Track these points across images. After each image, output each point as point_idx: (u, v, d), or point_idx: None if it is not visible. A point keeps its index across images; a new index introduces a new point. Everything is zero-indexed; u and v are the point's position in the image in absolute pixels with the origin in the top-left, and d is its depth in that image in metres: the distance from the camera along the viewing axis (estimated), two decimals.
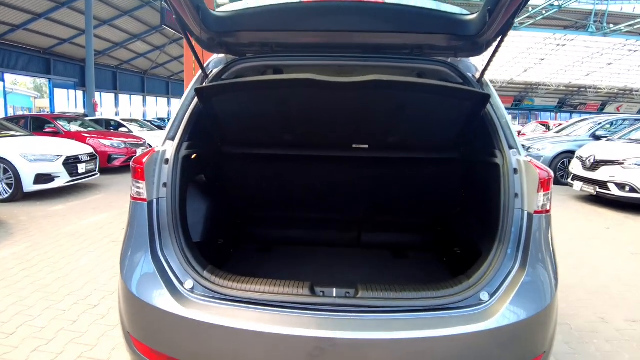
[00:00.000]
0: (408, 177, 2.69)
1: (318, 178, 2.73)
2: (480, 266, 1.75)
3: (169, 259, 1.75)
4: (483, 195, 2.26)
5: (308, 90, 1.97)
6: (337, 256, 2.85)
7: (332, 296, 1.69)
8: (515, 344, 1.59)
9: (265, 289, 1.67)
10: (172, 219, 1.81)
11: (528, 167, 1.79)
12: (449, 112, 2.11)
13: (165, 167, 1.87)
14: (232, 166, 2.70)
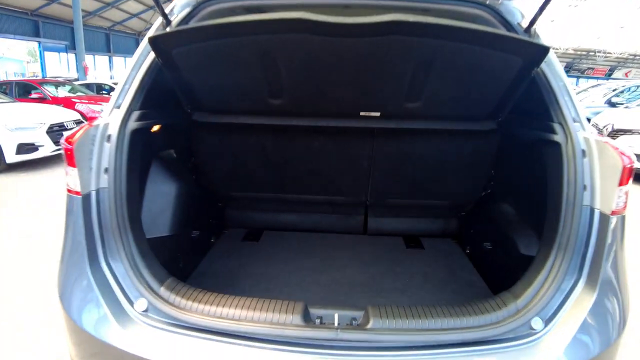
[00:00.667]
0: (428, 152, 2.24)
1: (315, 152, 2.29)
2: (531, 281, 1.36)
3: (115, 272, 1.37)
4: (531, 180, 1.84)
5: (301, 36, 1.44)
6: (338, 246, 2.47)
7: (333, 326, 1.29)
8: None
9: (243, 314, 1.29)
10: (118, 217, 1.40)
11: (604, 149, 1.34)
12: (492, 69, 1.62)
13: (107, 146, 1.43)
14: (207, 139, 2.25)
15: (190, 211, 2.15)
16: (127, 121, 1.49)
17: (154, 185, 1.93)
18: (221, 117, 2.09)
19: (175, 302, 1.35)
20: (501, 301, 1.38)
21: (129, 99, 1.51)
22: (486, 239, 2.17)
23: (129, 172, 1.47)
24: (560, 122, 1.46)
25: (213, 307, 1.31)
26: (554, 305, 1.30)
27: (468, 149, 2.20)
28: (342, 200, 2.54)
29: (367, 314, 1.35)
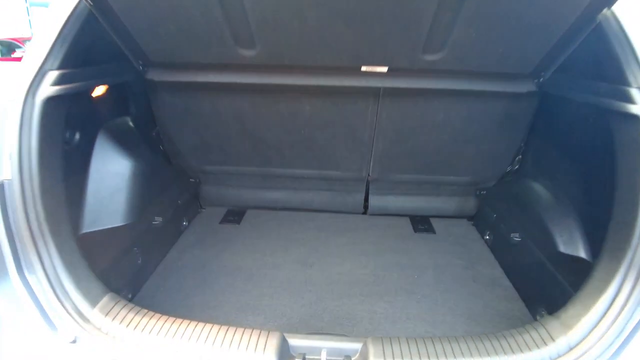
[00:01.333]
0: (447, 120, 1.81)
1: (306, 119, 1.86)
2: (588, 306, 1.02)
3: (33, 290, 1.02)
4: (581, 159, 1.47)
5: None
6: (333, 231, 2.09)
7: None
8: None
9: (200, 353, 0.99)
10: (29, 217, 1.05)
11: None
12: (544, 10, 1.19)
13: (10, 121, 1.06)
14: (169, 102, 1.83)
15: (151, 193, 1.76)
16: (38, 86, 1.08)
17: (101, 164, 1.54)
18: (182, 74, 1.65)
19: (111, 332, 1.04)
20: (546, 332, 1.03)
21: (41, 57, 1.10)
22: (512, 227, 1.75)
23: (42, 156, 1.09)
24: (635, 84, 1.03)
25: (160, 339, 1.02)
26: (626, 343, 0.94)
27: (497, 116, 1.75)
28: (338, 175, 2.12)
29: (366, 352, 1.00)
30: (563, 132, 1.62)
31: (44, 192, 1.08)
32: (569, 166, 1.58)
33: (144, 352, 1.00)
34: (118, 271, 1.46)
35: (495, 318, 1.49)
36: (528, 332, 1.05)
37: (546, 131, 1.75)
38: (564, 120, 1.60)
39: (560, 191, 1.61)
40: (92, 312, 1.06)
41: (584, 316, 1.01)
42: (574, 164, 1.54)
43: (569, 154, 1.57)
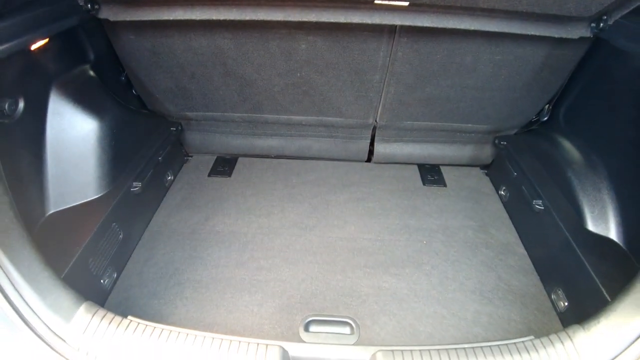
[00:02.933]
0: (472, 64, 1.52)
1: (303, 61, 1.56)
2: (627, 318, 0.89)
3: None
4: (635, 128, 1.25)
5: None
6: (335, 184, 1.91)
7: None
8: None
9: None
10: None
11: None
12: None
13: None
14: (134, 44, 1.51)
15: (125, 153, 1.54)
16: None
17: (58, 130, 1.30)
18: (143, 11, 1.32)
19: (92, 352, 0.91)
20: (573, 349, 0.91)
21: None
22: (535, 190, 1.56)
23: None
24: None
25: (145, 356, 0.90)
26: None
27: (534, 63, 1.47)
28: (340, 122, 1.87)
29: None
30: (615, 90, 1.36)
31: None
32: (613, 131, 1.36)
33: None
34: (98, 252, 1.30)
35: (507, 296, 1.39)
36: (553, 345, 0.94)
37: (593, 84, 1.48)
38: (620, 77, 1.33)
39: (597, 157, 1.41)
40: (67, 328, 0.92)
41: (617, 333, 0.89)
42: (620, 129, 1.31)
43: (616, 116, 1.34)
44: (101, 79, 1.53)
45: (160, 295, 1.36)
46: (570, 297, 1.30)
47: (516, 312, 1.35)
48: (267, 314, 1.30)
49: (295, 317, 1.29)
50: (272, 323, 1.28)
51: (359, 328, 1.26)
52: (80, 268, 1.20)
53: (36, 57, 1.21)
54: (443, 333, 1.27)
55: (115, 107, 1.53)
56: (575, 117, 1.59)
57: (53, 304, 0.94)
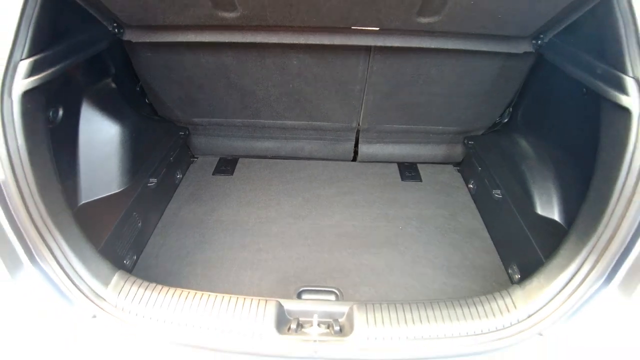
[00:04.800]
0: (439, 76, 1.80)
1: (294, 74, 1.83)
2: (551, 279, 1.13)
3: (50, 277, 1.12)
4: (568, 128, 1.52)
5: None
6: (324, 180, 2.16)
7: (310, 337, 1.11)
8: None
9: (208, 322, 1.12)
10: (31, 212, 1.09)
11: None
12: None
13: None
14: (151, 61, 1.78)
15: (142, 155, 1.79)
16: (12, 81, 1.04)
17: (88, 133, 1.55)
18: (161, 34, 1.59)
19: (126, 308, 1.16)
20: (511, 302, 1.17)
21: (7, 47, 1.03)
22: (495, 182, 1.83)
23: (31, 152, 1.09)
24: (637, 78, 1.01)
25: (170, 313, 1.13)
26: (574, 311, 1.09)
27: (490, 73, 1.75)
28: (328, 125, 2.14)
29: (351, 316, 1.15)
30: (556, 96, 1.63)
31: (41, 186, 1.10)
32: (556, 131, 1.62)
33: (156, 324, 1.13)
34: (122, 237, 1.54)
35: (471, 271, 1.64)
36: (496, 300, 1.19)
37: (539, 91, 1.76)
38: (558, 86, 1.60)
39: (545, 152, 1.67)
40: (106, 291, 1.17)
41: (544, 289, 1.14)
42: (562, 130, 1.58)
43: (558, 119, 1.60)
44: (120, 90, 1.78)
45: (174, 273, 1.61)
46: (522, 270, 1.55)
47: (477, 284, 1.60)
48: (266, 286, 1.55)
49: (290, 287, 1.54)
50: (270, 292, 1.52)
51: (343, 296, 1.51)
52: (109, 249, 1.44)
53: (71, 73, 1.46)
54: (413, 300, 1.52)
55: (132, 115, 1.78)
56: (529, 118, 1.86)
57: (95, 271, 1.18)
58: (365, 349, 1.08)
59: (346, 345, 1.08)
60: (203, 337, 1.11)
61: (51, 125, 1.36)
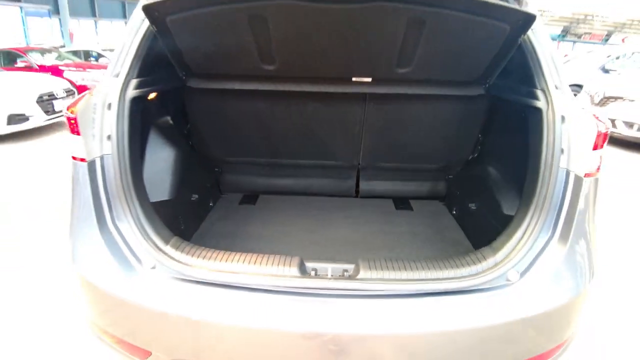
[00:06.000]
0: (418, 117, 2.32)
1: (308, 117, 2.35)
2: (510, 237, 1.47)
3: (123, 233, 1.45)
4: (514, 144, 1.93)
5: (290, 2, 1.48)
6: (331, 208, 2.58)
7: (326, 276, 1.42)
8: (541, 333, 1.37)
9: (244, 267, 1.39)
10: (123, 181, 1.48)
11: (581, 115, 1.43)
12: (480, 36, 1.66)
13: (108, 114, 1.49)
14: (202, 104, 2.30)
15: (188, 176, 2.23)
16: (126, 89, 1.54)
17: (153, 151, 2.00)
18: (215, 82, 2.13)
19: (181, 259, 1.43)
20: (481, 255, 1.49)
21: (126, 68, 1.55)
22: (472, 200, 2.27)
23: (130, 139, 1.53)
24: (542, 89, 1.53)
25: (215, 262, 1.41)
26: (529, 259, 1.41)
27: (456, 114, 2.27)
28: (334, 164, 2.63)
29: (358, 266, 1.46)
30: (505, 124, 2.14)
31: (132, 164, 1.52)
32: (510, 150, 2.09)
33: (207, 272, 1.39)
34: None
35: None
36: (469, 255, 1.50)
37: (495, 124, 2.27)
38: (504, 115, 2.12)
39: (505, 170, 2.13)
40: (166, 247, 1.46)
41: (506, 243, 1.47)
42: (513, 148, 2.05)
43: (509, 141, 2.09)
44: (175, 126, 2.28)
45: None
46: None
47: None
48: None
49: None
50: None
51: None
52: None
53: (148, 103, 1.96)
54: None
55: (182, 146, 2.26)
56: (492, 150, 2.34)
57: (158, 232, 1.50)
58: (368, 285, 1.36)
59: (353, 283, 1.37)
60: (245, 280, 1.37)
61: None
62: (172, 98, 2.22)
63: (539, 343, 1.38)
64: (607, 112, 6.67)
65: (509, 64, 1.83)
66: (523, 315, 1.28)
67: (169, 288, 1.34)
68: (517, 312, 1.29)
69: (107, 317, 1.45)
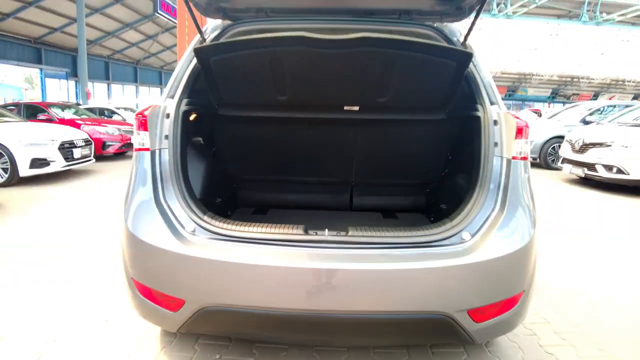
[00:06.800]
0: (398, 139, 2.79)
1: (310, 140, 2.83)
2: (462, 209, 1.88)
3: (170, 205, 1.85)
4: (466, 148, 2.38)
5: (300, 48, 2.01)
6: (329, 218, 2.96)
7: (324, 235, 1.79)
8: (494, 280, 1.71)
9: (262, 229, 1.79)
10: (174, 168, 1.92)
11: (507, 117, 1.93)
12: (436, 71, 2.17)
13: (167, 120, 1.98)
14: (227, 129, 2.78)
15: (213, 184, 2.67)
16: (180, 105, 2.05)
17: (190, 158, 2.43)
18: (239, 110, 2.62)
19: (214, 224, 1.82)
20: (442, 223, 1.89)
21: (179, 91, 2.08)
22: (443, 203, 2.66)
23: (181, 140, 2.01)
24: (481, 104, 2.05)
25: (241, 227, 1.81)
26: (478, 223, 1.80)
27: (427, 136, 2.75)
28: (332, 180, 3.07)
29: (347, 229, 1.86)
30: (462, 137, 2.58)
31: (181, 157, 1.98)
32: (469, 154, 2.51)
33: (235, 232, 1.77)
34: None
35: None
36: (435, 224, 1.89)
37: (457, 141, 2.72)
38: (462, 130, 2.57)
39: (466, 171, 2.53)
40: (205, 217, 1.85)
41: (460, 213, 1.86)
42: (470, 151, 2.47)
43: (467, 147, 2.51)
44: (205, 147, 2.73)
45: None
46: None
47: None
48: None
49: None
50: None
51: None
52: None
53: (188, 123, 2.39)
54: None
55: (210, 161, 2.70)
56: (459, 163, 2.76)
57: (198, 208, 1.89)
58: (355, 238, 1.75)
59: (344, 237, 1.75)
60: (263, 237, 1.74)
61: None
62: (205, 123, 2.71)
63: (495, 290, 1.71)
64: (587, 157, 7.18)
65: (462, 91, 2.31)
66: (473, 261, 1.65)
67: (205, 245, 1.72)
68: (469, 259, 1.65)
69: (151, 270, 1.79)
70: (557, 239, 4.27)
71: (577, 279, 3.27)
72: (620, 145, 6.78)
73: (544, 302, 2.81)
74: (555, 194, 6.82)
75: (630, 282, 3.24)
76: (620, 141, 6.81)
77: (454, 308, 1.65)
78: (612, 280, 3.28)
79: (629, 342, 2.37)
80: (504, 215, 1.78)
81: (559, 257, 3.73)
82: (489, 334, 1.85)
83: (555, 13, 25.92)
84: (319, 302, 1.62)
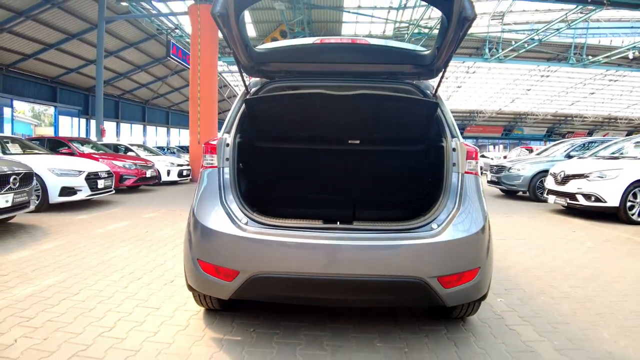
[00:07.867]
0: (389, 165, 3.52)
1: (323, 166, 3.55)
2: (432, 208, 2.58)
3: (230, 206, 2.54)
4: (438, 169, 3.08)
5: (318, 100, 2.82)
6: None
7: (336, 225, 2.48)
8: (454, 255, 2.38)
9: (295, 222, 2.49)
10: (232, 181, 2.62)
11: (461, 146, 2.68)
12: (413, 115, 2.97)
13: (227, 148, 2.71)
14: (261, 157, 3.50)
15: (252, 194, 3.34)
16: (236, 137, 2.79)
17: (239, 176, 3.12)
18: (270, 143, 3.39)
19: (261, 218, 2.49)
20: (417, 217, 2.57)
21: (234, 128, 2.81)
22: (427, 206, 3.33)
23: (236, 162, 2.73)
24: (445, 137, 2.79)
25: (280, 220, 2.49)
26: (443, 217, 2.47)
27: (410, 163, 3.47)
28: (339, 197, 3.72)
29: (352, 222, 2.53)
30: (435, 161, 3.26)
31: (237, 174, 2.68)
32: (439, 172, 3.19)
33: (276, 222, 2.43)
34: None
35: None
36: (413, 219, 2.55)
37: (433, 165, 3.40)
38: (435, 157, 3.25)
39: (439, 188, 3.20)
40: (253, 213, 2.50)
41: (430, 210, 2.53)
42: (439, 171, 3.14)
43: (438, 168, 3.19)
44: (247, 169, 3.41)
45: None
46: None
47: None
48: None
49: None
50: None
51: None
52: None
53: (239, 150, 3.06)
54: None
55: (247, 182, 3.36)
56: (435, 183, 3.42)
57: (249, 208, 2.56)
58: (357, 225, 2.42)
59: (350, 226, 2.43)
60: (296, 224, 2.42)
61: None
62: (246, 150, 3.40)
63: (456, 263, 2.37)
64: (569, 187, 7.85)
65: (435, 128, 3.03)
66: (438, 241, 2.34)
67: (254, 231, 2.39)
68: (436, 239, 2.34)
69: (214, 251, 2.44)
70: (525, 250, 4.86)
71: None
72: (596, 176, 7.46)
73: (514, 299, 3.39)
74: (541, 222, 7.43)
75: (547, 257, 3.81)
76: (597, 172, 7.50)
77: (427, 274, 2.31)
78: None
79: None
80: (460, 211, 2.48)
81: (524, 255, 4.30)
82: (455, 299, 2.46)
83: (544, 56, 27.46)
84: (333, 267, 2.30)
